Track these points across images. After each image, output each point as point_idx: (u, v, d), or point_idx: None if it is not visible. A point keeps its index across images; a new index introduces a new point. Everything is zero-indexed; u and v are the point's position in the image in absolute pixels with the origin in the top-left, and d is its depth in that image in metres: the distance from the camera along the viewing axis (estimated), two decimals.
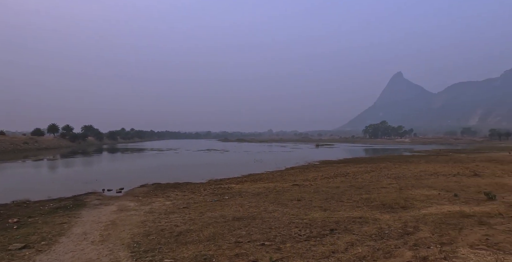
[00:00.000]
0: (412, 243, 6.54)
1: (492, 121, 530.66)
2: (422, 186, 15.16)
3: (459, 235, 6.95)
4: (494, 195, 11.36)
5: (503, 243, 6.23)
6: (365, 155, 58.08)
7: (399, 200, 11.45)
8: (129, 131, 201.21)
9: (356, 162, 35.98)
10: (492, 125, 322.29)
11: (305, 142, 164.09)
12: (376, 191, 14.26)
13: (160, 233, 8.38)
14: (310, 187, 16.66)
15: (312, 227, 8.32)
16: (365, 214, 9.69)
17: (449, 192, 12.93)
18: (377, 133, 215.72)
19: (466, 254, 5.01)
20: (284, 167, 32.06)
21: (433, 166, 25.99)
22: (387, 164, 29.29)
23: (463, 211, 9.19)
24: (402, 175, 20.37)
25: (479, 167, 23.86)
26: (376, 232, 7.60)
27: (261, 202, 12.45)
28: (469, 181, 16.14)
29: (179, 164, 40.61)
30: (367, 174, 21.68)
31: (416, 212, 9.69)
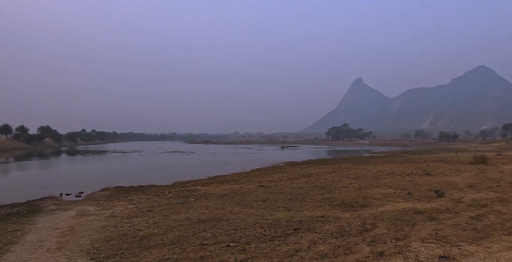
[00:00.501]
0: (370, 239, 6.80)
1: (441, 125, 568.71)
2: (380, 185, 15.84)
3: (412, 230, 7.34)
4: (443, 192, 12.15)
5: (450, 236, 6.68)
6: (328, 156, 59.74)
7: (359, 199, 11.89)
8: (90, 132, 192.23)
9: (319, 163, 36.89)
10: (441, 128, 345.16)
11: (271, 144, 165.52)
12: (338, 190, 14.69)
13: (122, 238, 8.06)
14: (275, 188, 16.82)
15: (276, 227, 8.40)
16: (327, 213, 9.94)
17: (404, 190, 13.62)
18: (339, 135, 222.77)
19: (417, 248, 5.32)
20: (250, 169, 32.15)
21: (389, 166, 27.26)
22: (348, 165, 30.29)
23: (415, 208, 9.72)
24: (362, 175, 21.15)
25: (430, 166, 25.36)
26: (337, 230, 7.82)
27: (226, 204, 12.39)
28: (421, 180, 17.10)
29: (143, 166, 39.40)
30: (330, 175, 22.28)
31: (374, 209, 10.10)
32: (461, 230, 7.16)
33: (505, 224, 7.60)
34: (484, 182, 15.58)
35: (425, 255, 4.88)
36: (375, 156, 49.86)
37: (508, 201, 10.46)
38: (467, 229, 7.25)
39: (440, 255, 4.77)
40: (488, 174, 18.67)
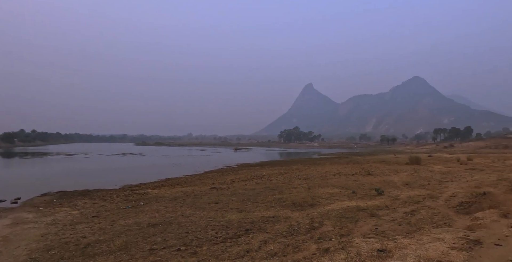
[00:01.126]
0: (317, 236, 7.04)
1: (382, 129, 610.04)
2: (327, 185, 16.51)
3: (355, 227, 7.74)
4: (382, 190, 13.01)
5: (388, 230, 7.16)
6: (280, 158, 61.02)
7: (308, 199, 12.28)
8: (29, 133, 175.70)
9: (272, 165, 37.51)
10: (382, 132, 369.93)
11: (224, 146, 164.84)
12: (288, 191, 15.03)
13: (63, 246, 7.46)
14: (227, 189, 16.75)
15: (228, 228, 8.36)
16: (277, 213, 10.11)
17: (349, 190, 14.34)
18: (291, 138, 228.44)
19: (359, 243, 5.62)
20: (203, 171, 31.71)
21: (336, 167, 28.57)
22: (298, 166, 31.18)
23: (358, 206, 10.28)
24: (311, 176, 21.88)
25: (372, 167, 27.04)
26: (287, 229, 7.99)
27: (178, 207, 12.06)
28: (364, 180, 18.14)
29: (89, 169, 36.90)
30: (281, 176, 22.73)
31: (322, 208, 10.49)
32: (397, 225, 7.70)
33: (434, 218, 8.35)
34: (418, 180, 16.96)
35: (366, 249, 5.18)
36: (324, 158, 51.94)
37: (437, 197, 11.50)
38: (403, 223, 7.84)
39: (379, 249, 5.10)
40: (421, 174, 20.35)
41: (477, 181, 15.37)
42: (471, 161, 33.29)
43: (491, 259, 4.51)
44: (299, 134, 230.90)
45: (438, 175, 19.21)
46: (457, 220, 8.06)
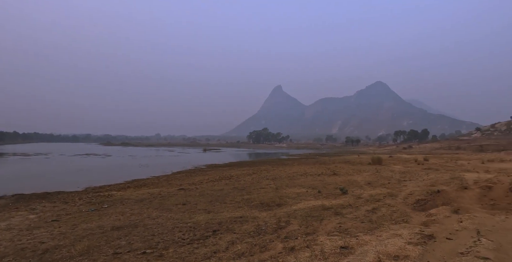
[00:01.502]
0: (284, 236, 7.13)
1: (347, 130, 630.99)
2: (294, 185, 16.78)
3: (320, 225, 7.93)
4: (346, 190, 13.45)
5: (351, 228, 7.40)
6: (249, 159, 61.15)
7: (275, 199, 12.41)
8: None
9: (240, 165, 37.50)
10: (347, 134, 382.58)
11: (193, 146, 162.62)
12: (256, 191, 15.10)
13: (19, 253, 6.98)
14: (195, 190, 16.52)
15: (196, 230, 8.24)
16: (245, 213, 10.13)
17: (315, 189, 14.67)
18: (260, 139, 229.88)
19: (323, 241, 5.77)
20: (170, 172, 31.03)
21: (303, 167, 29.11)
22: (266, 167, 31.41)
23: (324, 205, 10.54)
24: (279, 176, 22.13)
25: (337, 167, 27.85)
26: (255, 229, 8.02)
27: (144, 209, 11.71)
28: (329, 179, 18.65)
29: (49, 171, 34.78)
30: (249, 176, 22.77)
31: (289, 208, 10.64)
32: (359, 222, 7.99)
33: (393, 215, 8.75)
34: (379, 180, 17.71)
35: (329, 247, 5.33)
36: (291, 159, 52.74)
37: (396, 195, 12.07)
38: (364, 221, 8.14)
39: (341, 246, 5.27)
40: (382, 173, 21.25)
41: (432, 180, 16.30)
42: (427, 161, 35.31)
43: (443, 252, 4.80)
44: (268, 135, 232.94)
45: (397, 175, 20.16)
46: (413, 216, 8.50)
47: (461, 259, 4.37)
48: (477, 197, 11.47)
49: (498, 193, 11.90)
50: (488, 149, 76.13)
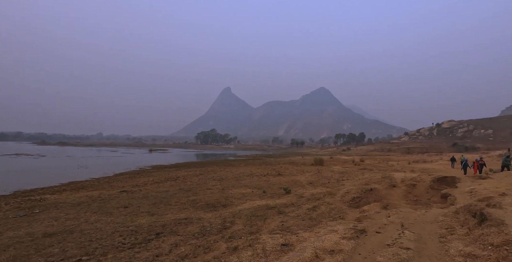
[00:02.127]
0: (228, 236, 7.13)
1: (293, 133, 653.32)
2: (240, 185, 16.88)
3: (264, 224, 8.08)
4: (290, 189, 13.89)
5: (292, 226, 7.66)
6: (196, 159, 60.04)
7: (221, 199, 12.35)
8: None
9: (187, 166, 36.67)
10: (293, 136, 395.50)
11: (139, 147, 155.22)
12: (203, 192, 14.89)
13: None
14: (139, 192, 15.77)
15: (138, 233, 7.87)
16: (190, 214, 9.93)
17: (260, 189, 14.91)
18: (208, 140, 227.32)
19: (265, 239, 5.89)
20: (113, 173, 29.24)
21: (250, 168, 29.42)
22: (214, 168, 31.15)
23: (268, 204, 10.77)
24: (225, 177, 22.09)
25: (282, 168, 28.64)
26: (199, 230, 7.90)
27: (82, 213, 10.86)
28: (274, 180, 19.10)
29: None
30: (196, 177, 22.38)
31: (234, 208, 10.67)
32: (301, 220, 8.30)
33: (331, 212, 9.26)
34: (320, 179, 18.59)
35: (271, 245, 5.46)
36: (239, 160, 52.96)
37: (335, 194, 12.78)
38: (305, 219, 8.48)
39: (282, 243, 5.43)
40: (323, 173, 22.34)
41: (366, 179, 17.54)
42: (363, 162, 37.98)
43: (372, 244, 5.20)
44: (216, 136, 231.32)
45: (337, 175, 21.35)
46: (349, 213, 9.08)
47: (387, 250, 4.77)
48: (403, 194, 12.64)
49: (420, 190, 13.24)
50: (414, 151, 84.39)
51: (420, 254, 4.64)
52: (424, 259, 4.48)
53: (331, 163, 35.67)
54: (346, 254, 4.68)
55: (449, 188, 12.33)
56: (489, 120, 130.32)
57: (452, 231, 5.85)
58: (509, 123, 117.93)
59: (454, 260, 4.42)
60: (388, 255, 4.51)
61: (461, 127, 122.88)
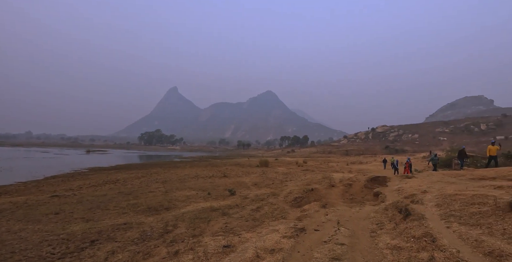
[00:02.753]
0: (170, 240, 6.89)
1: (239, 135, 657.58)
2: (185, 188, 16.46)
3: (207, 226, 7.97)
4: (235, 191, 13.92)
5: (236, 227, 7.68)
6: (139, 161, 57.21)
7: (164, 202, 11.91)
8: None
9: (129, 168, 34.74)
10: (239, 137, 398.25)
11: (75, 147, 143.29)
12: (144, 195, 14.22)
13: None
14: (73, 197, 14.51)
15: (70, 242, 7.23)
16: (130, 219, 9.41)
17: (205, 191, 14.70)
18: (152, 140, 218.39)
19: (208, 242, 5.81)
20: (43, 176, 26.51)
21: (195, 170, 28.87)
22: (157, 170, 29.96)
23: (212, 206, 10.65)
24: (170, 179, 21.38)
25: (228, 170, 28.60)
26: (139, 235, 7.52)
27: (3, 222, 9.63)
28: (220, 181, 18.98)
29: None
30: (138, 180, 21.32)
31: (177, 211, 10.36)
32: (244, 221, 8.36)
33: (274, 212, 9.47)
34: (265, 181, 18.94)
35: (213, 247, 5.40)
36: (184, 161, 51.68)
37: (278, 194, 13.10)
38: (249, 219, 8.56)
39: (224, 245, 5.40)
40: (267, 175, 22.80)
41: (308, 179, 18.31)
42: (306, 164, 39.63)
43: (311, 242, 5.44)
44: (161, 136, 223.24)
45: (281, 176, 21.94)
46: (291, 212, 9.37)
47: (324, 246, 5.02)
48: (341, 193, 13.42)
49: (356, 189, 14.19)
50: (352, 153, 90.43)
51: (353, 248, 4.96)
52: (356, 253, 4.79)
53: (276, 165, 36.59)
54: (286, 252, 4.82)
55: (381, 187, 13.41)
56: (415, 126, 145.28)
57: (382, 226, 6.36)
58: (432, 129, 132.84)
59: (382, 253, 4.79)
60: (324, 251, 4.74)
61: (392, 132, 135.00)
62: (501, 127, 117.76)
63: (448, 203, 7.10)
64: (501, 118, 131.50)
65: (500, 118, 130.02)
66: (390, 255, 4.62)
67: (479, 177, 11.44)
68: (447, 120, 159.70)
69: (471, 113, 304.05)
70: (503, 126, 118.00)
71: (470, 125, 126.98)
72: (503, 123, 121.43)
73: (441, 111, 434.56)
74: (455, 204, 6.89)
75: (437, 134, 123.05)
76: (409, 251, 4.60)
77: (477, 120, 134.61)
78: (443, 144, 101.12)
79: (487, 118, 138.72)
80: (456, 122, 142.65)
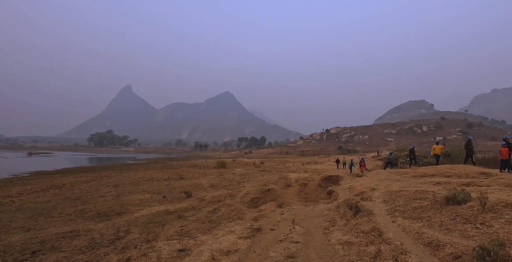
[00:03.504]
0: (122, 246, 6.56)
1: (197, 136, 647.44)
2: (139, 191, 15.78)
3: (162, 231, 7.72)
4: (191, 193, 13.66)
5: (192, 230, 7.53)
6: (88, 164, 53.73)
7: (115, 207, 11.31)
8: None
9: (76, 172, 32.43)
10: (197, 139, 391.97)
11: (14, 149, 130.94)
12: (94, 200, 13.38)
13: None
14: (11, 205, 13.19)
15: (7, 254, 6.57)
16: (78, 226, 8.79)
17: (160, 194, 14.22)
18: (103, 142, 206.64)
19: (162, 246, 5.61)
20: None
21: (150, 172, 27.82)
22: (109, 173, 28.37)
23: (168, 209, 10.34)
24: (122, 182, 20.36)
25: (185, 171, 27.98)
26: (87, 243, 7.07)
27: None
28: (176, 184, 18.48)
29: None
30: (87, 184, 19.99)
31: (130, 216, 9.89)
32: (200, 223, 8.23)
33: (231, 213, 9.45)
34: (222, 182, 18.82)
35: (167, 252, 5.24)
36: (138, 163, 49.60)
37: (235, 195, 13.11)
38: (205, 221, 8.44)
39: (179, 249, 5.26)
40: (225, 176, 22.70)
41: (265, 180, 18.55)
42: (263, 164, 40.12)
43: (267, 241, 5.51)
44: (113, 138, 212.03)
45: (238, 177, 21.97)
46: (247, 213, 9.42)
47: (279, 245, 5.11)
48: (297, 192, 13.80)
49: (310, 189, 14.67)
50: (308, 154, 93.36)
51: (307, 246, 5.12)
52: (310, 250, 4.95)
53: (234, 166, 36.55)
54: (242, 253, 4.83)
55: (334, 186, 14.03)
56: (366, 127, 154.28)
57: (334, 223, 6.64)
58: (380, 130, 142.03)
59: (334, 248, 5.01)
60: (279, 250, 4.83)
61: (345, 133, 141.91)
62: (440, 128, 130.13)
63: (394, 199, 7.63)
64: (440, 120, 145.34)
65: (439, 121, 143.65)
66: (342, 250, 4.84)
67: (420, 175, 12.46)
68: (393, 122, 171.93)
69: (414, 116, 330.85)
70: (441, 128, 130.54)
71: (413, 127, 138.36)
72: (441, 125, 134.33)
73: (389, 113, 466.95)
74: (399, 200, 7.42)
75: (385, 135, 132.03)
76: (358, 246, 4.85)
77: (420, 123, 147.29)
78: (390, 144, 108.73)
79: (428, 121, 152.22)
80: (401, 124, 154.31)
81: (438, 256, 4.01)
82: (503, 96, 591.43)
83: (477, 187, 7.60)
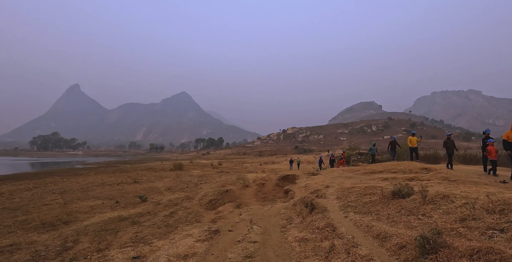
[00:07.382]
0: (70, 258, 6.13)
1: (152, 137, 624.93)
2: (88, 197, 14.83)
3: (115, 238, 7.33)
4: (146, 197, 13.14)
5: (148, 236, 7.26)
6: (31, 170, 49.25)
7: (62, 216, 10.51)
8: None
9: (16, 179, 29.53)
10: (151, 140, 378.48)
11: None
12: (37, 209, 12.31)
13: None
14: None
15: None
16: (18, 239, 8.02)
17: (112, 200, 13.49)
18: (48, 145, 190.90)
19: (115, 255, 5.34)
20: None
21: (101, 177, 26.28)
22: (54, 179, 26.26)
23: (121, 216, 9.84)
24: (70, 188, 18.97)
25: (139, 175, 26.85)
26: (30, 257, 6.48)
27: None
28: (129, 188, 17.66)
29: None
30: (29, 192, 18.31)
31: (79, 224, 9.26)
32: (157, 228, 7.96)
33: (188, 216, 9.27)
34: (179, 185, 18.37)
35: (120, 260, 4.99)
36: (88, 168, 46.58)
37: (193, 198, 12.88)
38: (161, 226, 8.18)
39: (133, 256, 5.05)
40: (182, 178, 22.18)
41: (223, 181, 18.45)
42: (221, 165, 39.88)
43: (225, 243, 5.50)
44: (59, 141, 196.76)
45: (195, 179, 21.60)
46: (205, 215, 9.31)
47: (238, 246, 5.13)
48: (255, 192, 13.92)
49: (268, 188, 14.89)
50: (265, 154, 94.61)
51: (265, 245, 5.20)
52: (268, 249, 5.03)
53: (191, 168, 35.87)
54: (200, 256, 4.77)
55: (291, 185, 14.39)
56: (320, 127, 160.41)
57: (291, 221, 6.82)
58: (334, 130, 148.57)
59: (291, 246, 5.15)
60: (238, 251, 4.85)
61: (301, 133, 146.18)
62: (387, 128, 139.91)
63: (346, 195, 8.04)
64: (387, 120, 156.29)
65: (387, 121, 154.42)
66: (298, 247, 4.99)
67: (370, 171, 13.26)
68: (346, 123, 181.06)
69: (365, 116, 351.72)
70: (389, 128, 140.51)
71: (364, 126, 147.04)
72: (389, 125, 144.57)
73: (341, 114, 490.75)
74: (351, 196, 7.84)
75: (338, 135, 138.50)
76: (314, 242, 5.05)
77: (370, 123, 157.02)
78: (343, 143, 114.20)
79: (377, 121, 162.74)
80: (353, 124, 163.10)
81: (386, 247, 4.32)
82: (441, 98, 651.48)
83: (420, 182, 8.29)
